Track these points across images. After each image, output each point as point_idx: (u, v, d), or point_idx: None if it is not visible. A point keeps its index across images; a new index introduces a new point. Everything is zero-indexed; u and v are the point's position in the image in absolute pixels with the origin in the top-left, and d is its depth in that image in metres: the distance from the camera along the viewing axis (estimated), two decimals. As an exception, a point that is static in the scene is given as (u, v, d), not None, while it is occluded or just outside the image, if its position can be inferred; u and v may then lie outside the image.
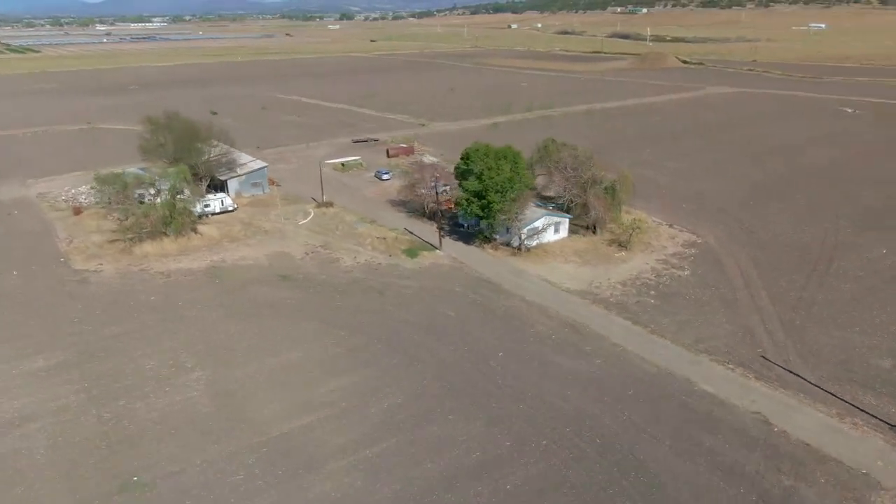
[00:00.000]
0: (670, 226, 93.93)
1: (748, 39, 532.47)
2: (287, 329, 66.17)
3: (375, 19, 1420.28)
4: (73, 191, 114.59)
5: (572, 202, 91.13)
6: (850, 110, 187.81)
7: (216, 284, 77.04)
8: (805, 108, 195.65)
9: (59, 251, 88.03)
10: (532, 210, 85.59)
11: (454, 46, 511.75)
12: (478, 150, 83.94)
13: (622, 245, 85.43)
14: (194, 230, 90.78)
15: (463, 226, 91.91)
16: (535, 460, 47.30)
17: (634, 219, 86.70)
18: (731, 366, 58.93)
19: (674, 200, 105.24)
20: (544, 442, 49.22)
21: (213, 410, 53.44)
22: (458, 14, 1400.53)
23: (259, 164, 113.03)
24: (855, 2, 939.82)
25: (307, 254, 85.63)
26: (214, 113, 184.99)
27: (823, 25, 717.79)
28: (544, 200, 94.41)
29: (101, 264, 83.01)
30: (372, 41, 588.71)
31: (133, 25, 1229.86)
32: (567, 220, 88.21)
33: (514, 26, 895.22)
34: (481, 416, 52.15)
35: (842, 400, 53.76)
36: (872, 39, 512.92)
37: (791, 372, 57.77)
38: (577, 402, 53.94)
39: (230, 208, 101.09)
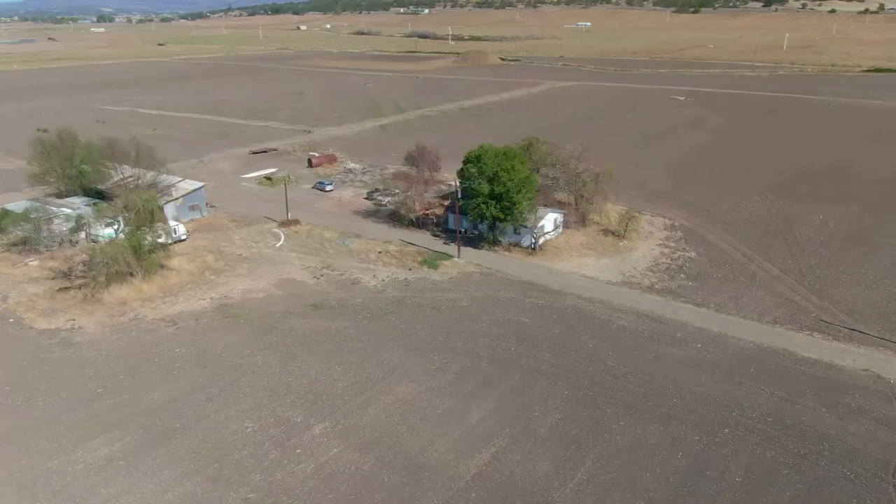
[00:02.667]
0: (639, 212, 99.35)
1: (536, 37, 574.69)
2: (372, 361, 59.81)
3: (142, 21, 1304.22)
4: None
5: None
6: (681, 98, 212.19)
7: (242, 324, 67.03)
8: (644, 98, 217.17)
9: (-2, 311, 70.56)
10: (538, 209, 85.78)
11: (258, 49, 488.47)
12: (486, 151, 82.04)
13: (617, 235, 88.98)
14: (163, 266, 77.87)
15: (459, 231, 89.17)
16: (734, 449, 48.19)
17: (630, 209, 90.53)
18: (806, 332, 64.70)
19: (619, 188, 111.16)
20: (726, 430, 50.31)
21: (375, 464, 46.93)
22: (235, 15, 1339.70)
23: (194, 183, 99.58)
24: (606, 2, 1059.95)
25: (317, 278, 77.70)
26: (44, 130, 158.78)
27: (589, 24, 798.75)
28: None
29: (73, 320, 68.01)
30: (160, 45, 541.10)
31: None
32: (562, 215, 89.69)
33: (303, 27, 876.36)
34: (650, 417, 51.81)
35: (911, 347, 61.71)
36: (637, 35, 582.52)
37: (855, 330, 64.89)
38: (717, 386, 55.74)
39: (183, 237, 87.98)
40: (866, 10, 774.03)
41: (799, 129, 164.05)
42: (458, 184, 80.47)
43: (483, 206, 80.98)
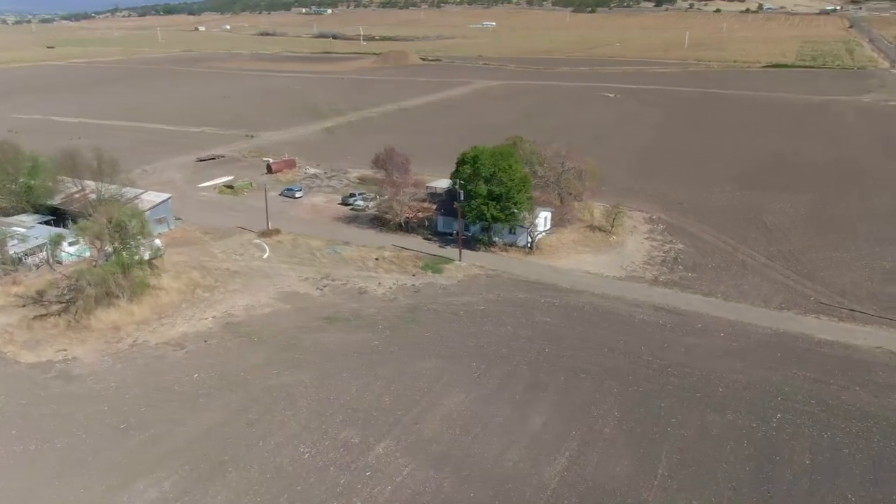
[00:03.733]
0: (624, 207, 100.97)
1: (446, 37, 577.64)
2: (410, 373, 57.79)
3: (18, 22, 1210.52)
4: None
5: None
6: (611, 95, 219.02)
7: (258, 343, 63.18)
8: (576, 96, 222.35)
9: (-32, 345, 63.11)
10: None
11: (161, 51, 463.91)
12: (482, 151, 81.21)
13: (603, 230, 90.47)
14: (149, 285, 72.29)
15: (451, 233, 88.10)
16: (792, 433, 49.73)
17: (616, 204, 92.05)
18: (813, 315, 68.05)
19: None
20: (778, 415, 51.92)
21: (454, 479, 45.22)
22: (123, 16, 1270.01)
23: (159, 195, 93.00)
24: (507, 2, 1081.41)
25: (321, 289, 74.46)
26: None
27: (493, 23, 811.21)
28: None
29: (65, 350, 61.91)
30: (50, 48, 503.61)
31: None
32: (551, 213, 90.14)
33: (201, 28, 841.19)
34: (704, 408, 52.70)
35: (908, 323, 66.08)
36: (543, 34, 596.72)
37: (854, 310, 68.79)
38: (753, 373, 57.47)
39: (160, 253, 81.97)
40: (747, 10, 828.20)
41: (730, 123, 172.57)
42: (458, 185, 79.15)
43: (483, 208, 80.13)
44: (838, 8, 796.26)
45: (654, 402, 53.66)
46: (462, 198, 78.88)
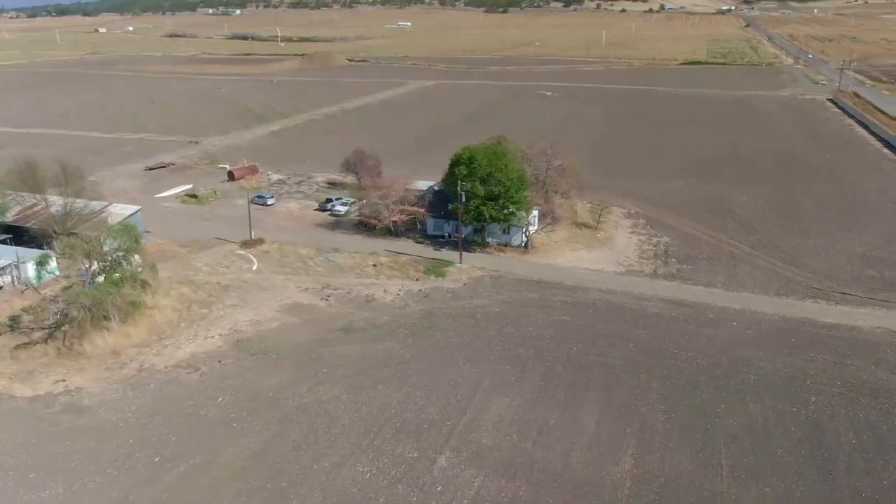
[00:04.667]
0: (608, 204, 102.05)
1: (365, 37, 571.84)
2: (447, 381, 56.43)
3: None
4: None
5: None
6: (549, 93, 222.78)
7: (276, 360, 60.04)
8: (513, 95, 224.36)
9: (-51, 382, 56.75)
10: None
11: (65, 54, 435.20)
12: (478, 151, 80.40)
13: (589, 226, 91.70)
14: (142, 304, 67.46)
15: (444, 235, 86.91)
16: (831, 415, 51.73)
17: (602, 201, 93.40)
18: (810, 300, 71.30)
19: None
20: (813, 398, 53.94)
21: (529, 487, 44.38)
22: (11, 17, 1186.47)
23: (126, 208, 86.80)
24: (420, 2, 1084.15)
25: (325, 299, 71.65)
26: None
27: (409, 24, 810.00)
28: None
29: (63, 380, 56.76)
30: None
31: None
32: (538, 211, 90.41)
33: (101, 30, 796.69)
34: (742, 397, 54.00)
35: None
36: (461, 34, 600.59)
37: (846, 293, 72.59)
38: (776, 359, 59.43)
39: (139, 269, 76.53)
40: (650, 10, 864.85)
41: (669, 118, 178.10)
42: (459, 187, 77.79)
43: (483, 208, 79.40)
44: (733, 8, 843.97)
45: (695, 393, 54.61)
46: (463, 199, 77.69)
